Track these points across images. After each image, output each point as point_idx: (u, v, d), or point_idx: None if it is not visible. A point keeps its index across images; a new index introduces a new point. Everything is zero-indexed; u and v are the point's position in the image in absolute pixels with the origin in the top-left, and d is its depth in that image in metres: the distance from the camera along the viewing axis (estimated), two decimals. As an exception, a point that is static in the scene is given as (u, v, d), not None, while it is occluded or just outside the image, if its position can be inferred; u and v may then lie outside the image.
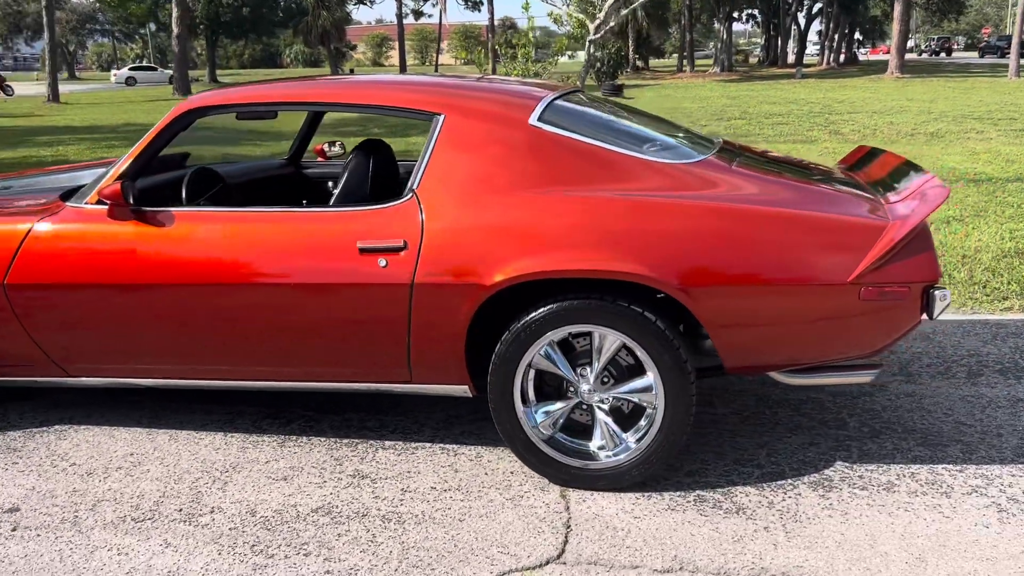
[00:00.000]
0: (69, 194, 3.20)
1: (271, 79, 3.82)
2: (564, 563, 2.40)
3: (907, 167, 3.07)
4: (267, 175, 4.18)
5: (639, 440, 2.73)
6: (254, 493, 2.81)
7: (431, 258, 2.70)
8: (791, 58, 53.16)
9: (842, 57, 53.01)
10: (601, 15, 7.82)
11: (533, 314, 2.68)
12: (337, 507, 2.71)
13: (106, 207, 2.94)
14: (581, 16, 7.90)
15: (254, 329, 2.90)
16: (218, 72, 60.90)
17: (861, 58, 59.58)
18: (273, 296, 2.83)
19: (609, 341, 2.69)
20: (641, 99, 25.46)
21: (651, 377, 2.67)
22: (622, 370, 2.75)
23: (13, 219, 3.06)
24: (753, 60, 66.35)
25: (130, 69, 54.39)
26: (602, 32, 7.95)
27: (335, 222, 2.81)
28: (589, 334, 2.71)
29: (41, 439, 3.24)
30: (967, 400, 3.40)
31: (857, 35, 61.03)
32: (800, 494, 2.73)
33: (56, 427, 3.35)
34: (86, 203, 3.00)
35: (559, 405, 2.80)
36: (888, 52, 41.03)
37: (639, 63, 52.16)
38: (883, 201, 2.76)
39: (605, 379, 2.76)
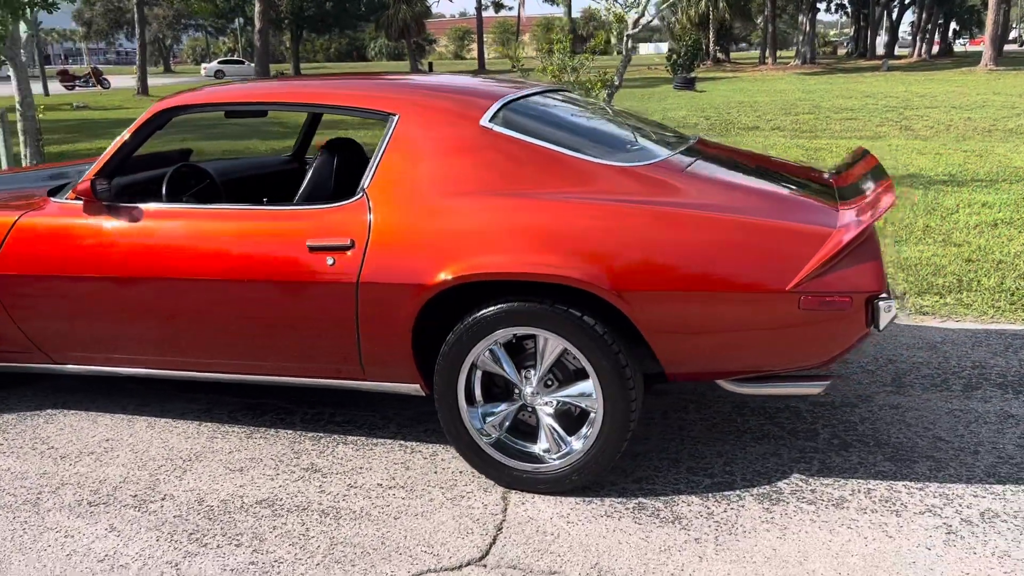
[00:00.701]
0: (57, 190, 3.34)
1: (250, 79, 3.91)
2: (484, 566, 2.41)
3: (877, 172, 2.95)
4: (266, 172, 4.28)
5: (581, 445, 2.71)
6: (208, 482, 2.90)
7: (376, 257, 2.73)
8: (881, 50, 51.34)
9: (935, 48, 50.90)
10: (640, 9, 7.70)
11: (476, 315, 2.68)
12: (281, 500, 2.78)
13: (82, 203, 3.07)
14: (619, 11, 7.80)
15: (212, 323, 2.98)
16: (304, 65, 62.43)
17: (959, 49, 57.12)
18: (229, 291, 2.90)
19: (552, 344, 2.67)
20: (712, 92, 25.00)
21: (591, 382, 2.64)
22: (568, 374, 2.73)
23: (1, 212, 3.22)
24: (842, 52, 64.38)
25: (219, 63, 56.12)
26: (640, 28, 7.83)
27: (288, 220, 2.86)
28: (535, 337, 2.70)
29: (30, 423, 3.41)
30: (953, 414, 3.26)
31: (954, 25, 58.50)
32: (744, 506, 2.67)
33: (48, 412, 3.51)
34: (66, 199, 3.14)
35: (504, 407, 2.80)
36: (985, 43, 39.16)
37: (719, 55, 51.16)
38: (838, 207, 2.66)
39: (549, 382, 2.75)
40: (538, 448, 2.80)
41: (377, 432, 3.26)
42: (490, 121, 2.84)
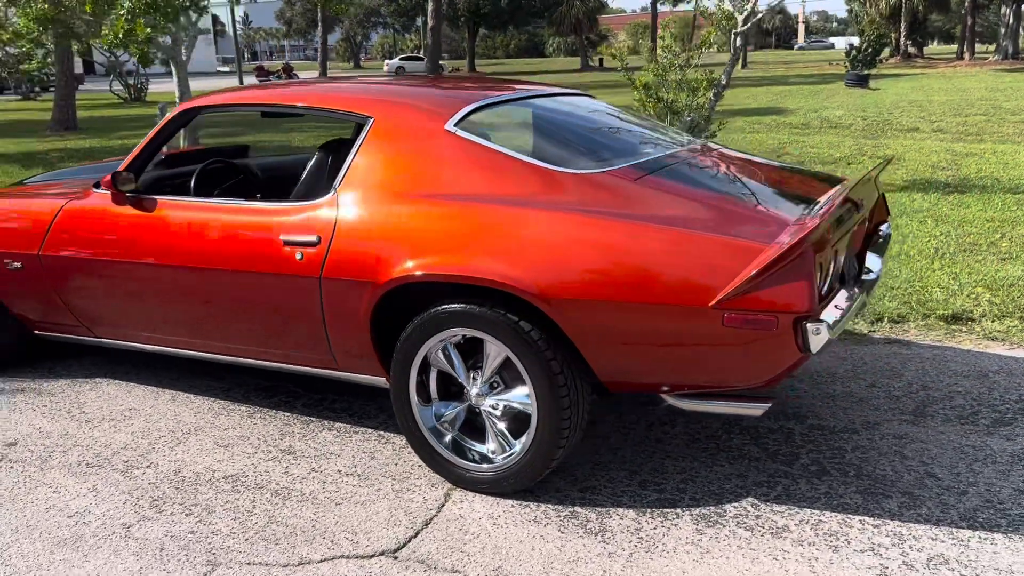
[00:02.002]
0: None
1: (268, 84, 4.14)
2: (395, 558, 2.48)
3: (864, 187, 2.76)
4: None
5: (519, 449, 2.73)
6: (194, 455, 3.14)
7: (337, 254, 2.86)
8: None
9: None
10: (750, 6, 7.37)
11: (424, 314, 2.75)
12: (246, 477, 2.97)
13: (110, 193, 3.39)
14: (728, 8, 7.50)
15: (204, 308, 3.22)
16: (480, 62, 64.00)
17: None
18: (218, 279, 3.12)
19: (496, 348, 2.70)
20: (887, 90, 23.51)
21: (528, 387, 2.65)
22: (513, 378, 2.75)
23: (52, 199, 3.61)
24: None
25: (400, 59, 58.64)
26: (749, 24, 7.50)
27: (269, 216, 3.05)
28: (483, 339, 2.74)
29: (75, 389, 3.80)
30: (962, 451, 2.99)
31: None
32: (677, 525, 2.59)
33: (95, 380, 3.90)
34: (99, 189, 3.48)
35: (453, 406, 2.86)
36: None
37: (911, 50, 47.87)
38: (797, 223, 2.52)
39: (495, 384, 2.78)
40: (485, 449, 2.83)
41: (365, 421, 3.40)
42: (455, 125, 2.89)
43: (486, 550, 2.50)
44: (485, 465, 2.79)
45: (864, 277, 3.05)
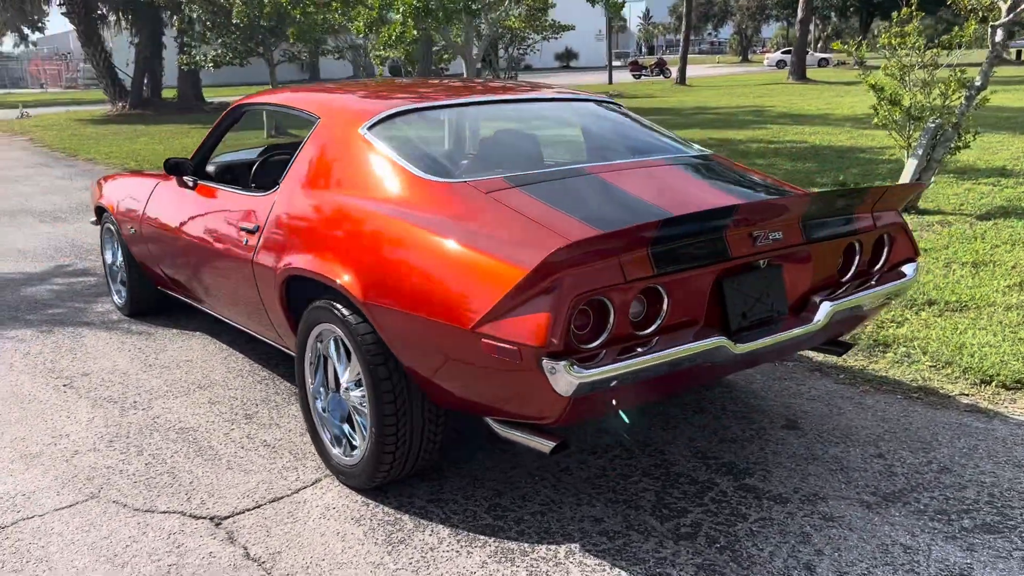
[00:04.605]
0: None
1: (294, 88, 4.45)
2: (215, 523, 2.69)
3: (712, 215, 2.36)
4: None
5: (360, 449, 2.78)
6: (181, 407, 3.61)
7: (264, 243, 3.13)
8: None
9: None
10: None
11: (308, 307, 2.91)
12: (195, 433, 3.36)
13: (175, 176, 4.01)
14: (987, -3, 6.19)
15: (211, 279, 3.69)
16: (871, 55, 59.11)
17: None
18: (216, 256, 3.55)
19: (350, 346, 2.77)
20: None
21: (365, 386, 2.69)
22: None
23: (154, 179, 4.33)
24: None
25: (782, 53, 56.30)
26: (1012, 15, 6.15)
27: (241, 203, 3.40)
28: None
29: (170, 340, 4.51)
30: (897, 550, 2.42)
31: None
32: (472, 555, 2.47)
33: (193, 334, 4.59)
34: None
35: (335, 397, 2.98)
36: None
37: None
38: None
39: (360, 380, 2.85)
40: (356, 440, 2.92)
41: (338, 402, 3.62)
42: (368, 129, 2.98)
43: (288, 535, 2.62)
44: (345, 459, 2.88)
45: (791, 329, 2.56)
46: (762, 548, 2.46)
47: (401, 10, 9.20)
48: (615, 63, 68.87)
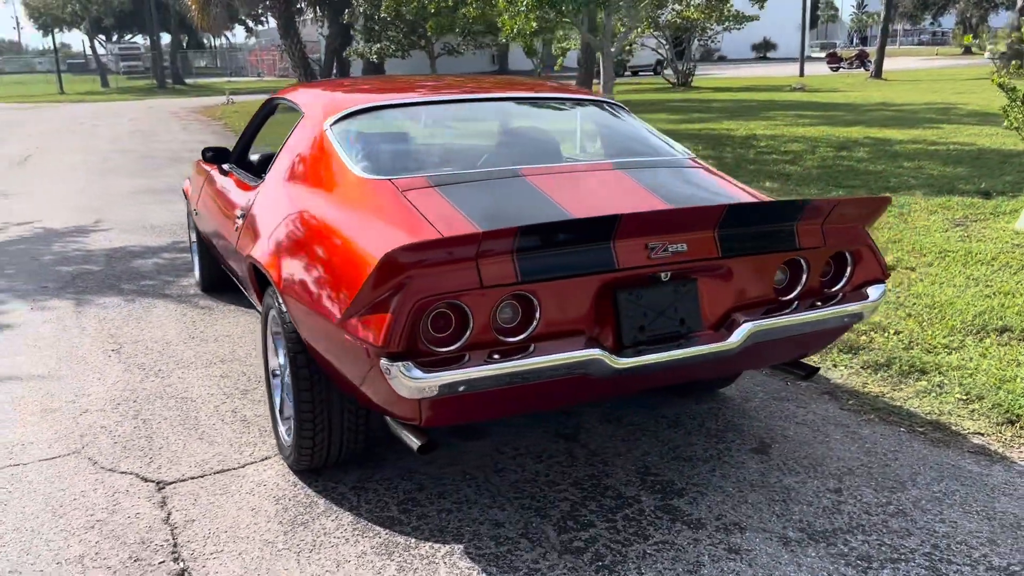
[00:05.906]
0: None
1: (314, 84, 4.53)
2: (158, 487, 2.90)
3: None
4: None
5: (288, 432, 2.90)
6: (192, 377, 3.88)
7: (242, 230, 3.32)
8: None
9: None
10: None
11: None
12: (190, 403, 3.60)
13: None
14: None
15: (232, 260, 3.94)
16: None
17: None
18: (224, 239, 3.80)
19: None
20: None
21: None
22: None
23: (206, 166, 4.66)
24: None
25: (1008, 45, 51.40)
26: None
27: (240, 192, 3.62)
28: None
29: (229, 315, 4.83)
30: (770, 590, 2.25)
31: None
32: (351, 543, 2.53)
33: (253, 311, 4.90)
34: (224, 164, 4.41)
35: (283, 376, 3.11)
36: None
37: None
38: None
39: (290, 366, 2.96)
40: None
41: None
42: (331, 124, 3.08)
43: (211, 505, 2.78)
44: (285, 440, 3.01)
45: (696, 347, 2.41)
46: (644, 573, 2.35)
47: (525, 2, 9.28)
48: (816, 54, 65.28)
